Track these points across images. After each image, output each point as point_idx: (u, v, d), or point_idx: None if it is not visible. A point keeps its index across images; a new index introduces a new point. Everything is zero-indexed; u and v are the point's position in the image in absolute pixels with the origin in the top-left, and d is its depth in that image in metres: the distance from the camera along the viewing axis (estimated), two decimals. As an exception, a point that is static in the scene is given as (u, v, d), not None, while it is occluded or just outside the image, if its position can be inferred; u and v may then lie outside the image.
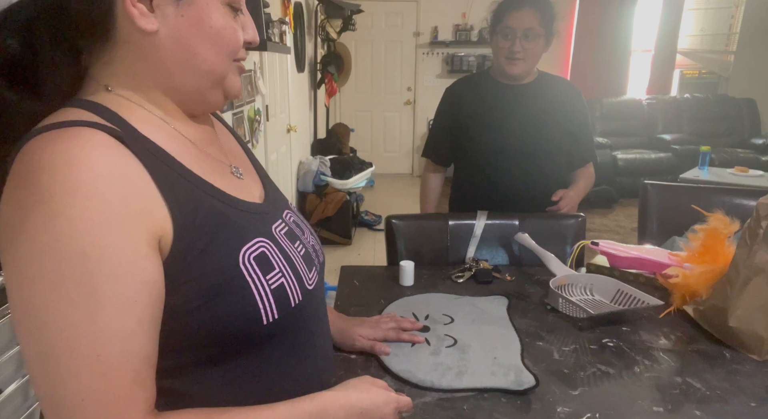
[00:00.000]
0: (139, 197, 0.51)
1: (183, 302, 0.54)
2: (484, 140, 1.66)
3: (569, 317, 1.08)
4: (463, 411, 0.79)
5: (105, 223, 0.48)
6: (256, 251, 0.60)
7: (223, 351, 0.59)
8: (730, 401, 0.81)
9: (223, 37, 0.59)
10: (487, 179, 1.68)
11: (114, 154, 0.51)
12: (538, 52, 1.56)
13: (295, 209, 0.78)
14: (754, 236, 0.93)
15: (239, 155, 0.75)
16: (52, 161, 0.47)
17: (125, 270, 0.48)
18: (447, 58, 6.19)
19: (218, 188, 0.61)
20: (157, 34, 0.56)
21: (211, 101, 0.65)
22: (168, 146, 0.58)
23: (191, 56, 0.59)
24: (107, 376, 0.47)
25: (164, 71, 0.59)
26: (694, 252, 1.14)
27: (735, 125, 5.71)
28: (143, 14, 0.55)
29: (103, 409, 0.47)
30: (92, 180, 0.48)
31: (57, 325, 0.46)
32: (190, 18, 0.57)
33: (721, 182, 3.56)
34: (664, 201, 1.75)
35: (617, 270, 1.31)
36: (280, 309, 0.60)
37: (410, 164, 6.67)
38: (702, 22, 6.20)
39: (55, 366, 0.47)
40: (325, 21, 4.74)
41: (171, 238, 0.53)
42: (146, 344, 0.51)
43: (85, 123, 0.51)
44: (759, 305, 0.94)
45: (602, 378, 0.88)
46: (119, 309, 0.48)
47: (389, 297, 1.17)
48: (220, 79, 0.62)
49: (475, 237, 1.43)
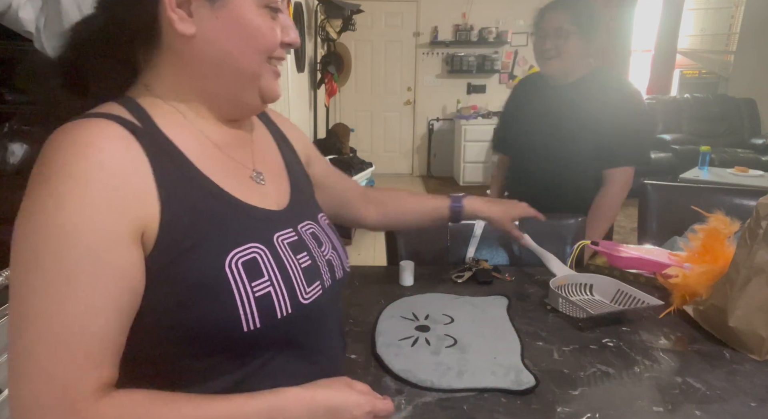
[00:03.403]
0: (130, 190, 0.53)
1: (164, 296, 0.55)
2: (518, 137, 1.77)
3: (569, 317, 1.08)
4: (463, 411, 0.79)
5: (89, 207, 0.51)
6: (247, 256, 0.59)
7: (204, 351, 0.58)
8: (730, 401, 0.81)
9: (256, 36, 0.61)
10: (519, 175, 1.79)
11: (119, 146, 0.54)
12: (571, 49, 1.57)
13: (323, 222, 0.76)
14: (754, 236, 0.93)
15: (272, 162, 0.75)
16: (60, 146, 0.52)
17: (99, 254, 0.51)
18: (447, 58, 6.20)
19: (223, 189, 0.61)
20: (194, 38, 0.60)
21: (247, 103, 0.66)
22: (184, 145, 0.61)
23: (226, 57, 0.61)
24: (62, 350, 0.49)
25: (201, 74, 0.62)
26: (694, 252, 1.14)
27: (735, 125, 5.71)
28: (182, 19, 0.58)
29: (52, 382, 0.49)
30: (88, 167, 0.51)
31: (28, 297, 0.50)
32: (224, 20, 0.59)
33: (721, 182, 3.55)
34: (664, 201, 1.75)
35: (617, 270, 1.31)
36: (264, 319, 0.58)
37: (410, 164, 6.67)
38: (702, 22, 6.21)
39: (20, 335, 0.50)
40: (325, 21, 4.74)
41: (156, 230, 0.54)
42: (107, 327, 0.51)
43: (106, 116, 0.56)
44: (759, 305, 0.94)
45: (602, 378, 0.88)
46: (86, 290, 0.50)
47: (389, 297, 1.17)
48: (254, 78, 0.63)
49: (475, 237, 1.43)
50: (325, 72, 4.92)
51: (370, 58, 6.27)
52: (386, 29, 6.18)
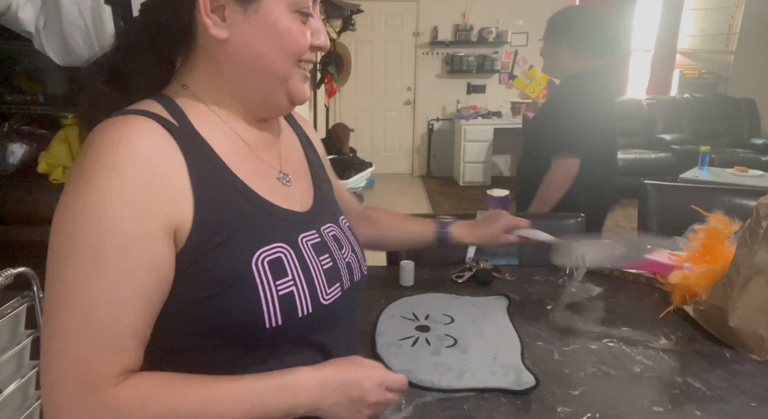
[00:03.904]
0: (166, 185, 0.56)
1: (192, 290, 0.57)
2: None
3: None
4: (463, 411, 0.79)
5: (127, 200, 0.53)
6: (272, 255, 0.61)
7: (225, 344, 0.60)
8: (730, 401, 0.81)
9: (287, 40, 0.63)
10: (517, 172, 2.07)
11: (156, 142, 0.57)
12: (549, 52, 1.85)
13: (344, 225, 0.78)
14: (754, 236, 0.93)
15: (297, 163, 0.77)
16: (101, 141, 0.55)
17: (132, 246, 0.53)
18: (447, 58, 6.19)
19: (252, 190, 0.64)
20: (228, 42, 0.62)
21: (276, 104, 0.68)
22: (217, 144, 0.63)
23: (257, 60, 0.63)
24: (88, 335, 0.52)
25: (234, 75, 0.64)
26: (694, 252, 1.14)
27: (735, 125, 5.71)
28: (216, 24, 0.61)
29: (76, 363, 0.52)
30: (127, 161, 0.54)
31: (64, 282, 0.52)
32: (256, 25, 0.61)
33: (721, 182, 3.55)
34: (664, 201, 1.74)
35: (617, 270, 1.31)
36: (285, 317, 0.60)
37: (410, 164, 6.67)
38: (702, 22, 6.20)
39: (51, 317, 0.53)
40: (325, 21, 4.74)
41: (189, 229, 0.57)
42: (134, 317, 0.54)
43: (144, 113, 0.58)
44: (759, 305, 0.94)
45: (602, 378, 0.88)
46: (117, 279, 0.52)
47: (389, 297, 1.17)
48: (284, 80, 0.65)
49: (475, 237, 1.43)
50: (325, 72, 4.92)
51: (370, 59, 6.27)
52: (386, 29, 6.18)
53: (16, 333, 1.06)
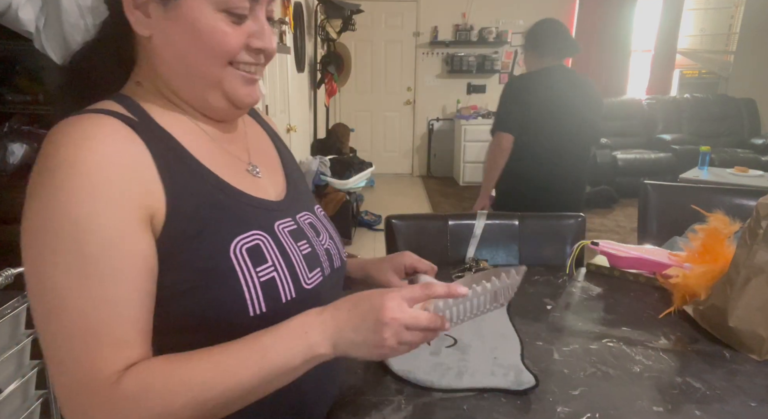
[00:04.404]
0: (135, 178, 0.55)
1: (172, 283, 0.57)
2: None
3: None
4: (463, 411, 0.79)
5: (98, 197, 0.52)
6: (250, 242, 0.61)
7: (211, 338, 0.59)
8: (730, 401, 0.81)
9: (209, 40, 0.59)
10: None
11: (119, 138, 0.55)
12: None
13: (320, 213, 0.79)
14: (754, 236, 0.93)
15: (266, 156, 0.77)
16: (62, 140, 0.53)
17: (114, 242, 0.52)
18: (447, 58, 6.20)
19: (223, 180, 0.63)
20: (152, 40, 0.60)
21: (216, 107, 0.65)
22: (182, 138, 0.62)
23: (181, 60, 0.61)
24: (90, 336, 0.52)
25: (168, 75, 0.63)
26: (694, 252, 1.14)
27: (735, 125, 5.71)
28: (139, 21, 0.59)
29: (83, 367, 0.52)
30: (92, 158, 0.52)
31: (53, 288, 0.51)
32: (176, 22, 0.59)
33: (721, 182, 3.55)
34: (664, 201, 1.75)
35: (617, 270, 1.31)
36: (269, 303, 0.60)
37: (410, 164, 6.67)
38: (702, 22, 6.20)
39: (51, 326, 0.52)
40: (325, 21, 4.74)
41: (163, 219, 0.56)
42: (132, 310, 0.54)
43: (103, 111, 0.57)
44: (759, 305, 0.94)
45: (602, 378, 0.88)
46: (107, 277, 0.52)
47: (389, 297, 1.16)
48: (215, 82, 0.62)
49: (475, 237, 1.43)
50: (325, 72, 4.92)
51: (370, 58, 6.27)
52: (386, 29, 6.18)
53: (16, 333, 1.06)
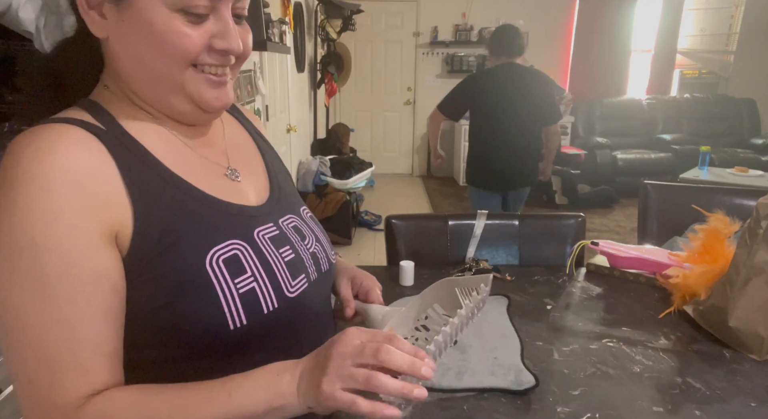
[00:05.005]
0: (98, 192, 0.52)
1: (146, 299, 0.55)
2: None
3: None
4: (463, 411, 0.79)
5: (57, 214, 0.49)
6: (227, 253, 0.58)
7: (192, 353, 0.57)
8: (730, 401, 0.81)
9: (164, 41, 0.55)
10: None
11: (82, 149, 0.53)
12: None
13: (306, 215, 0.75)
14: (754, 236, 0.93)
15: (247, 157, 0.73)
16: (21, 152, 0.50)
17: (74, 261, 0.50)
18: (447, 58, 6.19)
19: (198, 189, 0.60)
20: (109, 41, 0.58)
21: (183, 112, 0.61)
22: (152, 145, 0.59)
23: (139, 62, 0.57)
24: (48, 361, 0.50)
25: (128, 77, 0.59)
26: (694, 252, 1.14)
27: (735, 125, 5.71)
28: (94, 21, 0.56)
29: (41, 392, 0.50)
30: (51, 172, 0.50)
31: (11, 308, 0.49)
32: (130, 23, 0.55)
33: (721, 182, 3.55)
34: (664, 201, 1.74)
35: (617, 270, 1.31)
36: (250, 315, 0.57)
37: (410, 163, 6.67)
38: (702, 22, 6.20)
39: (11, 346, 0.50)
40: (325, 21, 4.74)
41: (130, 233, 0.54)
42: (93, 333, 0.51)
43: (67, 120, 0.54)
44: (759, 305, 0.94)
45: (602, 378, 0.88)
46: (66, 298, 0.50)
47: (389, 297, 1.17)
48: (177, 85, 0.58)
49: (475, 237, 1.43)
50: (325, 72, 4.92)
51: (370, 59, 6.27)
52: (386, 29, 6.18)
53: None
